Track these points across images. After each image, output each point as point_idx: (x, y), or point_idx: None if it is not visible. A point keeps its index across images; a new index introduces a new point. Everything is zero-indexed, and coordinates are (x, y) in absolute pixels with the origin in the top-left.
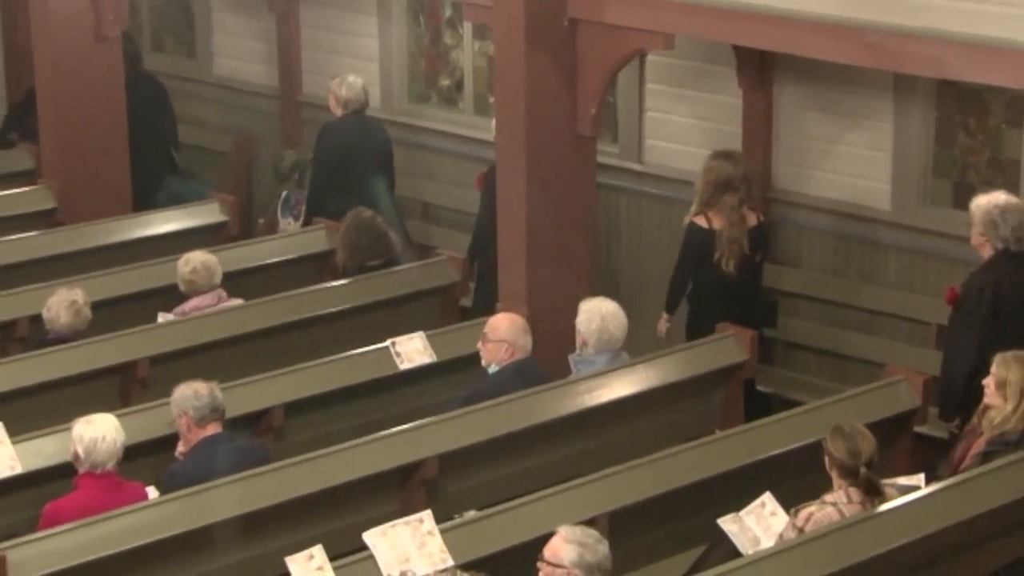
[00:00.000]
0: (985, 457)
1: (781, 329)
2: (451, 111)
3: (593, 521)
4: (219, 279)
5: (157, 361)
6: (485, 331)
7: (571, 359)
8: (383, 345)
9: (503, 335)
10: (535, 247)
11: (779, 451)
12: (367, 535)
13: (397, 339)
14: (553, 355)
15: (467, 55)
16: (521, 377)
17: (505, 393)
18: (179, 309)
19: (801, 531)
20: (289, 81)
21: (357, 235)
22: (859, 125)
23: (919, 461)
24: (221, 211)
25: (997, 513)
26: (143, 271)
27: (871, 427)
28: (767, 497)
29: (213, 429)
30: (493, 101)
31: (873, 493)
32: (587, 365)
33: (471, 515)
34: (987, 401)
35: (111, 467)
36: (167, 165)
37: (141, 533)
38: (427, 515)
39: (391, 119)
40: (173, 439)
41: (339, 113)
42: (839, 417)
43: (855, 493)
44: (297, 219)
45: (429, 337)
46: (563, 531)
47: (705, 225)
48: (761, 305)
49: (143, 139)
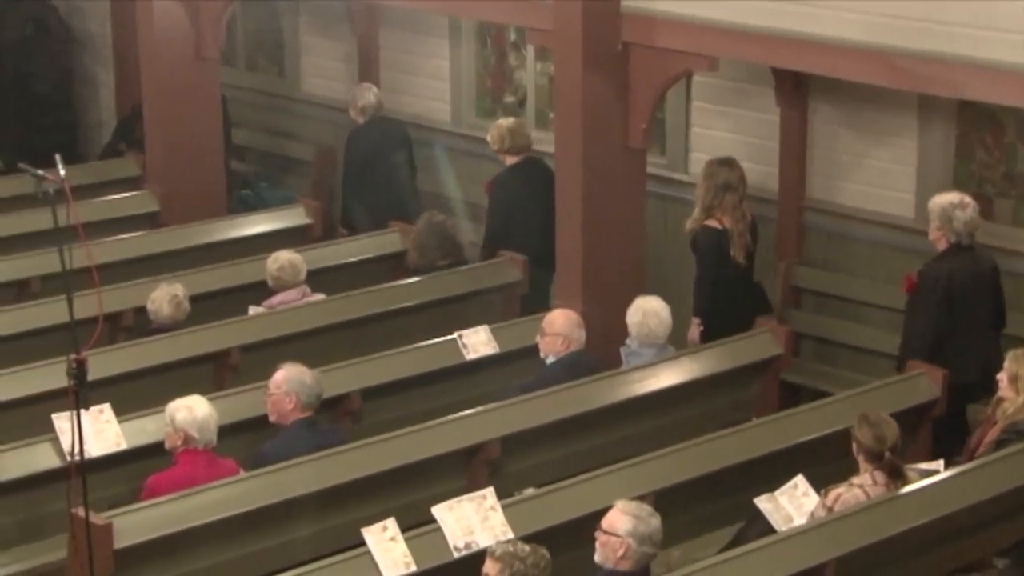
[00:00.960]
0: (998, 445)
1: (811, 326)
2: None
3: (641, 499)
4: (304, 276)
5: (247, 350)
6: (543, 325)
7: (622, 351)
8: (451, 337)
9: (559, 329)
10: (589, 249)
11: (810, 437)
12: (435, 509)
13: (463, 331)
14: (605, 348)
15: (530, 75)
16: (575, 368)
17: (561, 382)
18: (267, 303)
19: (830, 510)
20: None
21: (428, 237)
22: (886, 141)
23: (938, 447)
24: (306, 215)
25: (1009, 495)
26: (236, 268)
27: (894, 416)
28: (799, 479)
29: (306, 413)
30: (553, 116)
31: (897, 476)
32: (636, 357)
33: (530, 492)
34: (1000, 394)
35: (212, 444)
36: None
37: (233, 504)
38: (490, 492)
39: (460, 132)
40: (261, 420)
41: (360, 121)
42: (865, 407)
43: (880, 476)
44: None
45: (492, 330)
46: (620, 504)
47: (718, 226)
48: (758, 291)
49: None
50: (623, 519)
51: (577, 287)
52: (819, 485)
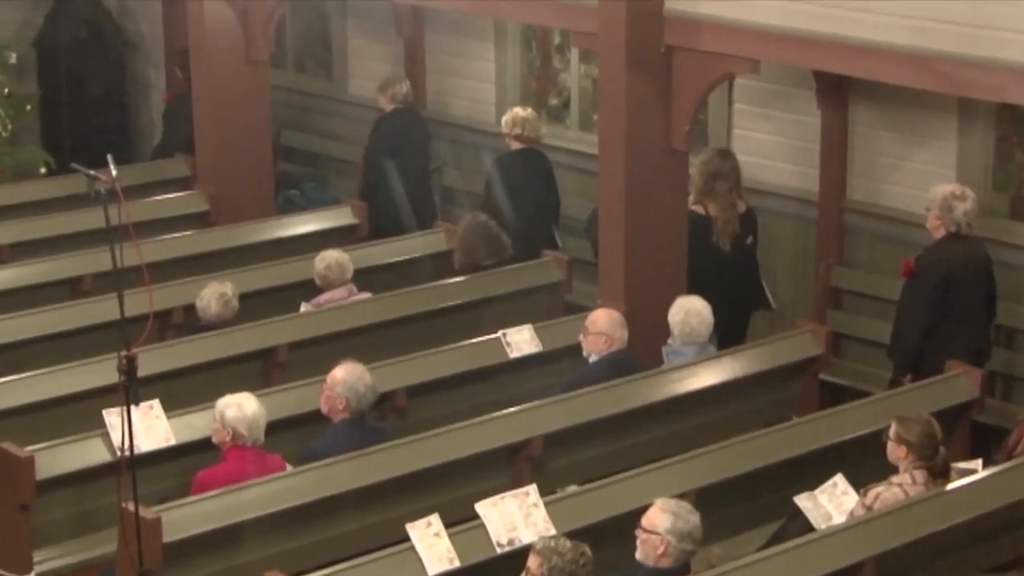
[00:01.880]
0: None
1: (852, 326)
2: (559, 127)
3: (682, 496)
4: (350, 275)
5: (295, 347)
6: (586, 324)
7: (663, 350)
8: (495, 336)
9: (602, 328)
10: (632, 249)
11: (850, 437)
12: (479, 505)
13: (507, 330)
14: (647, 347)
15: (574, 77)
16: (617, 366)
17: (603, 380)
18: (315, 301)
19: (869, 509)
20: (415, 99)
21: (473, 237)
22: (926, 144)
23: (976, 447)
24: (352, 215)
25: None
26: (284, 267)
27: (935, 416)
28: (839, 478)
29: (355, 414)
30: (596, 118)
31: (942, 475)
32: (677, 356)
33: (572, 489)
34: None
35: (259, 442)
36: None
37: (280, 500)
38: (533, 489)
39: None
40: (309, 417)
41: (388, 108)
42: (904, 407)
43: (920, 475)
44: None
45: (536, 329)
46: (660, 502)
47: (703, 212)
48: (754, 286)
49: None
50: (663, 517)
51: (620, 287)
52: (858, 484)
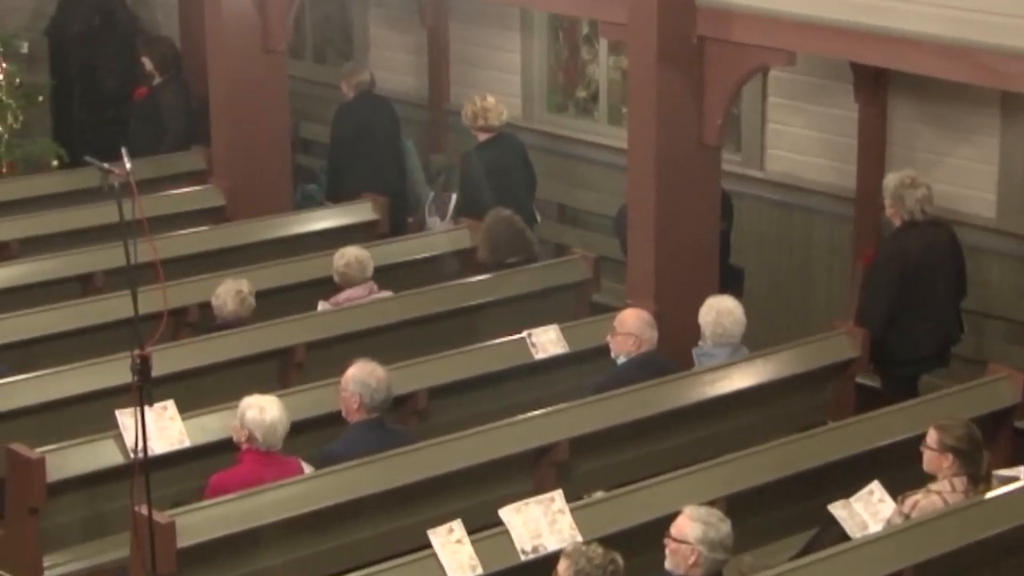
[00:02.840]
0: None
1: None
2: (587, 121)
3: (713, 503)
4: (371, 272)
5: (313, 347)
6: (614, 325)
7: (694, 352)
8: (520, 336)
9: (631, 328)
10: (662, 248)
11: (887, 442)
12: (503, 511)
13: (533, 330)
14: (678, 348)
15: (602, 69)
16: (647, 368)
17: (632, 383)
18: (334, 299)
19: (907, 517)
20: (438, 92)
21: (497, 234)
22: (967, 139)
23: (1018, 454)
24: (373, 210)
25: None
26: (302, 264)
27: (974, 422)
28: (875, 485)
29: (372, 414)
30: (626, 112)
31: (984, 481)
32: (708, 358)
33: (599, 495)
34: None
35: (276, 449)
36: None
37: (297, 504)
38: (558, 494)
39: (531, 127)
40: (326, 419)
41: (351, 95)
42: (943, 411)
43: (959, 483)
44: (444, 218)
45: (562, 329)
46: (689, 510)
47: None
48: (728, 272)
49: None
50: (693, 525)
51: (650, 286)
52: (895, 491)
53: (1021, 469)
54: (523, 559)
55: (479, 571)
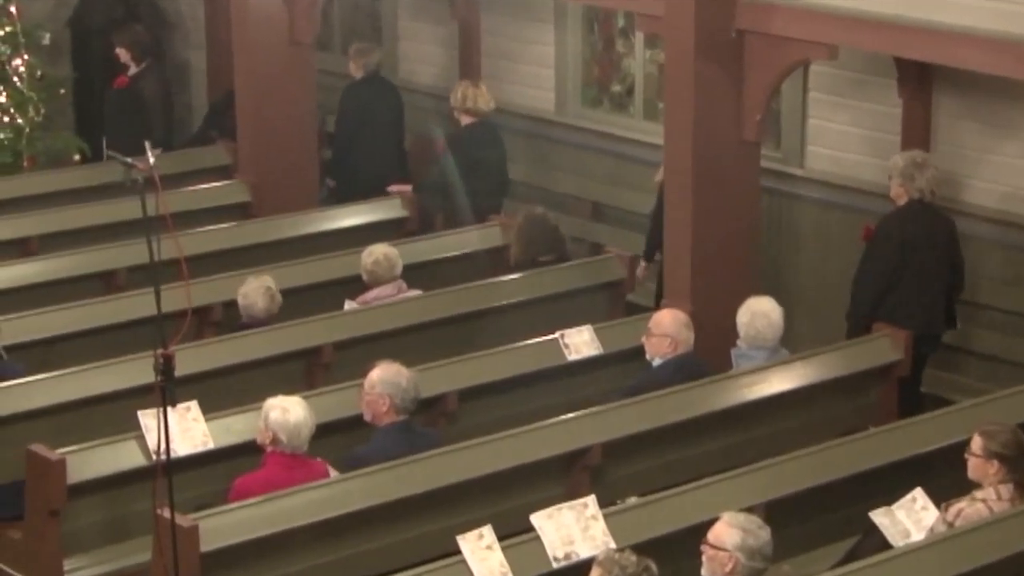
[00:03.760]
0: None
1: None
2: (622, 116)
3: (751, 510)
4: (399, 271)
5: (340, 347)
6: (649, 326)
7: (732, 354)
8: (552, 337)
9: (667, 330)
10: (699, 247)
11: (931, 448)
12: (534, 517)
13: (566, 331)
14: (715, 350)
15: (638, 63)
16: (683, 370)
17: (667, 385)
18: (361, 298)
19: (951, 525)
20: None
21: (530, 231)
22: (1015, 135)
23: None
24: (402, 206)
25: None
26: (329, 262)
27: (1020, 427)
28: (918, 492)
29: (401, 416)
30: (662, 107)
31: None
32: (747, 360)
33: (633, 501)
34: None
35: (301, 451)
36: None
37: (323, 508)
38: (591, 500)
39: (564, 122)
40: (353, 421)
41: (358, 76)
42: (989, 416)
43: (1005, 490)
44: None
45: (596, 330)
46: (727, 516)
47: None
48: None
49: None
50: (731, 532)
51: (686, 286)
52: (939, 499)
53: None
54: (555, 566)
55: None
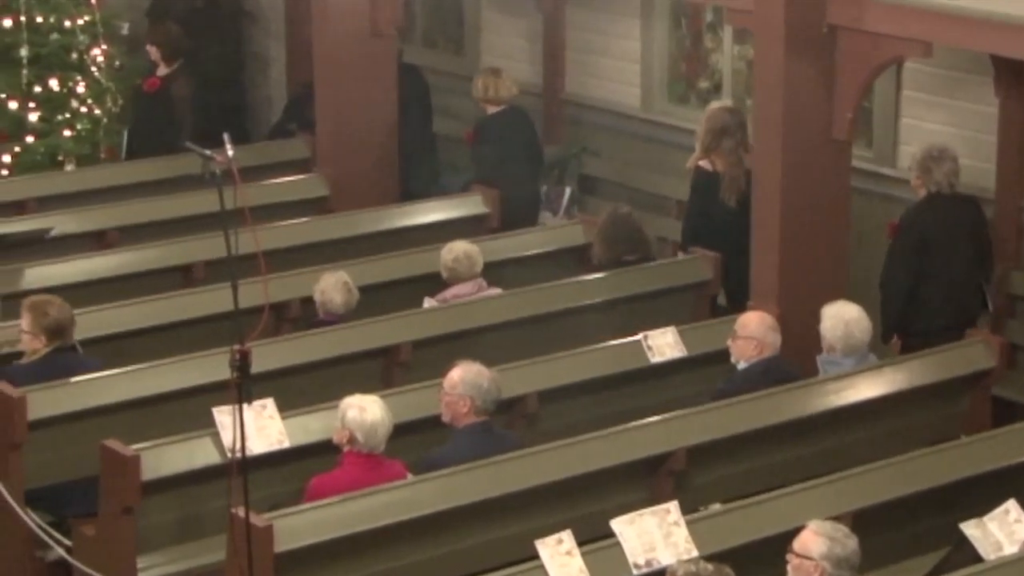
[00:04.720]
0: None
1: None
2: None
3: (837, 519)
4: (480, 268)
5: (419, 345)
6: (735, 328)
7: (819, 360)
8: (636, 338)
9: (753, 332)
10: (788, 247)
11: None
12: (615, 522)
13: (649, 333)
14: (802, 353)
15: (726, 58)
16: (769, 374)
17: (753, 389)
18: (440, 296)
19: None
20: (553, 80)
21: (614, 230)
22: None
23: None
24: (483, 203)
25: None
26: (408, 258)
27: None
28: (1011, 504)
29: (481, 417)
30: (751, 104)
31: None
32: (834, 366)
33: (716, 508)
34: None
35: (378, 451)
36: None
37: (400, 510)
38: (674, 506)
39: (650, 118)
40: (431, 421)
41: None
42: None
43: None
44: (556, 213)
45: (680, 332)
46: (813, 525)
47: (709, 168)
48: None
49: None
50: (817, 541)
51: (773, 287)
52: None
53: None
54: (635, 573)
55: None
